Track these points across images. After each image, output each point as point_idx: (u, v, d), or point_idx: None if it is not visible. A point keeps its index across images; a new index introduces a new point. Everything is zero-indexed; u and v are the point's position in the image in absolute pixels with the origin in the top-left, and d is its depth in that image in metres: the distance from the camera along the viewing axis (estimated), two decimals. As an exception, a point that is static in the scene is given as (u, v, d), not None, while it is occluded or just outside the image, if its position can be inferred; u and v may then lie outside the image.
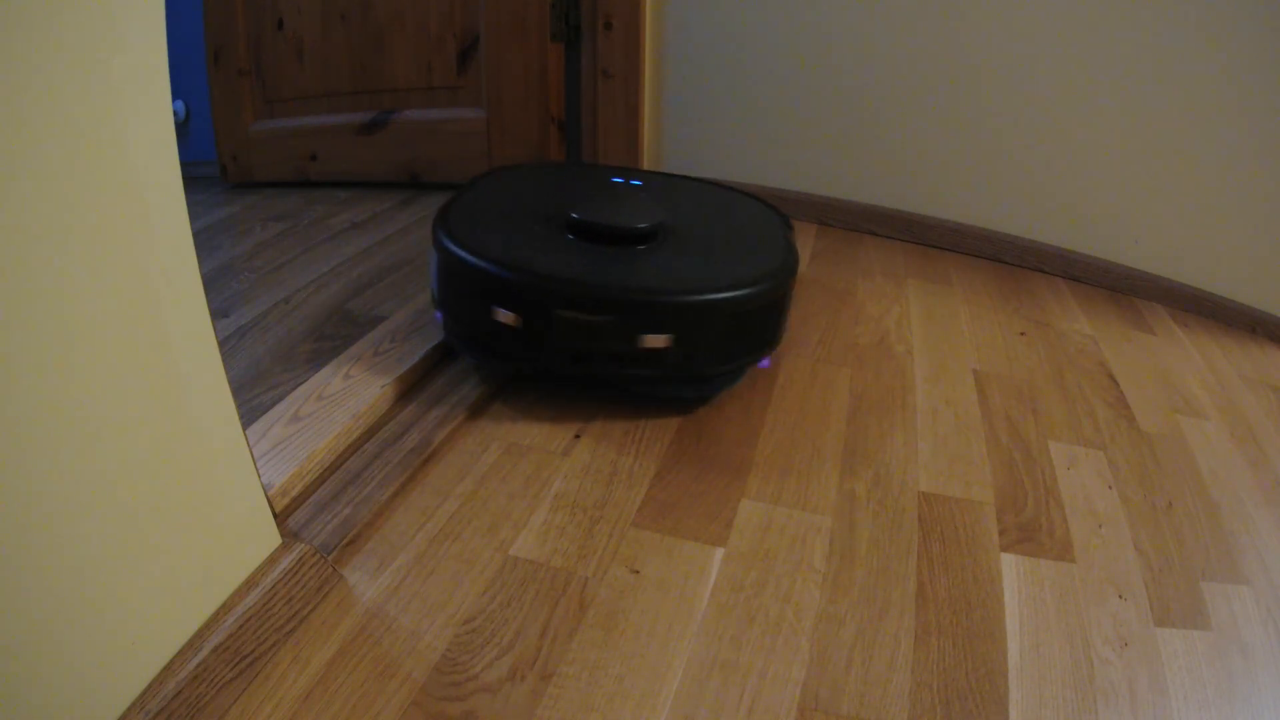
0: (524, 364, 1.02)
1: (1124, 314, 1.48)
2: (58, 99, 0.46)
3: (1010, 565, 0.86)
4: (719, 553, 0.83)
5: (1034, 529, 0.91)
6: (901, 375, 1.18)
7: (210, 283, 1.31)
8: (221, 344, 0.87)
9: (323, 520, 0.83)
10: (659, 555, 0.83)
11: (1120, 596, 0.84)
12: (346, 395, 0.98)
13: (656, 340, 0.95)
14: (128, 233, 0.52)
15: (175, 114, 2.00)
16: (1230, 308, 1.50)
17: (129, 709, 0.58)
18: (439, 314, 1.05)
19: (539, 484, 0.91)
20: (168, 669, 0.61)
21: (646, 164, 1.72)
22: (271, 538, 0.72)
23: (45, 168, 0.46)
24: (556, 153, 1.70)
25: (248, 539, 0.69)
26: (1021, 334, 1.34)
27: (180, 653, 0.62)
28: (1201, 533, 0.95)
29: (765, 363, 1.14)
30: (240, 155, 1.86)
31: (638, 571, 0.80)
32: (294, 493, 0.85)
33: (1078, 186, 1.52)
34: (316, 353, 1.09)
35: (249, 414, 0.93)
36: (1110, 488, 1.00)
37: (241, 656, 0.66)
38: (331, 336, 1.14)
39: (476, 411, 1.02)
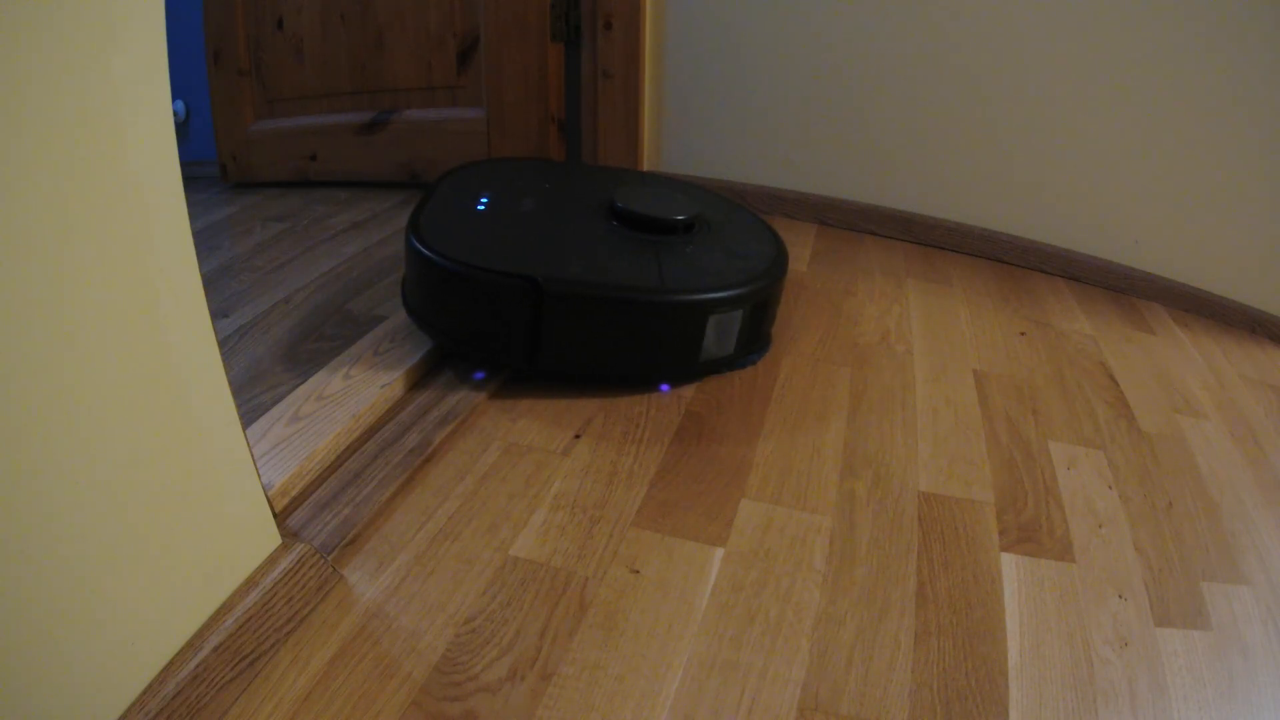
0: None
1: (1124, 314, 1.48)
2: (58, 99, 0.46)
3: (1010, 565, 0.86)
4: (719, 553, 0.83)
5: (1034, 529, 0.91)
6: (901, 375, 1.18)
7: (210, 283, 1.31)
8: (221, 344, 0.87)
9: (323, 520, 0.83)
10: (659, 555, 0.82)
11: (1120, 596, 0.84)
12: (346, 395, 0.98)
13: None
14: (128, 233, 0.52)
15: (175, 114, 2.00)
16: (1230, 308, 1.50)
17: (129, 709, 0.58)
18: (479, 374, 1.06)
19: (539, 484, 0.91)
20: (167, 669, 0.61)
21: (646, 164, 1.72)
22: (271, 538, 0.72)
23: (45, 168, 0.46)
24: (556, 153, 1.70)
25: (247, 539, 0.69)
26: (1021, 334, 1.34)
27: (180, 653, 0.62)
28: (1201, 533, 0.95)
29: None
30: (240, 155, 1.86)
31: (638, 571, 0.80)
32: (294, 493, 0.85)
33: (1078, 186, 1.51)
34: (316, 353, 1.09)
35: (249, 414, 0.93)
36: (1110, 488, 1.00)
37: (241, 657, 0.66)
38: (331, 336, 1.14)
39: (476, 411, 1.02)
